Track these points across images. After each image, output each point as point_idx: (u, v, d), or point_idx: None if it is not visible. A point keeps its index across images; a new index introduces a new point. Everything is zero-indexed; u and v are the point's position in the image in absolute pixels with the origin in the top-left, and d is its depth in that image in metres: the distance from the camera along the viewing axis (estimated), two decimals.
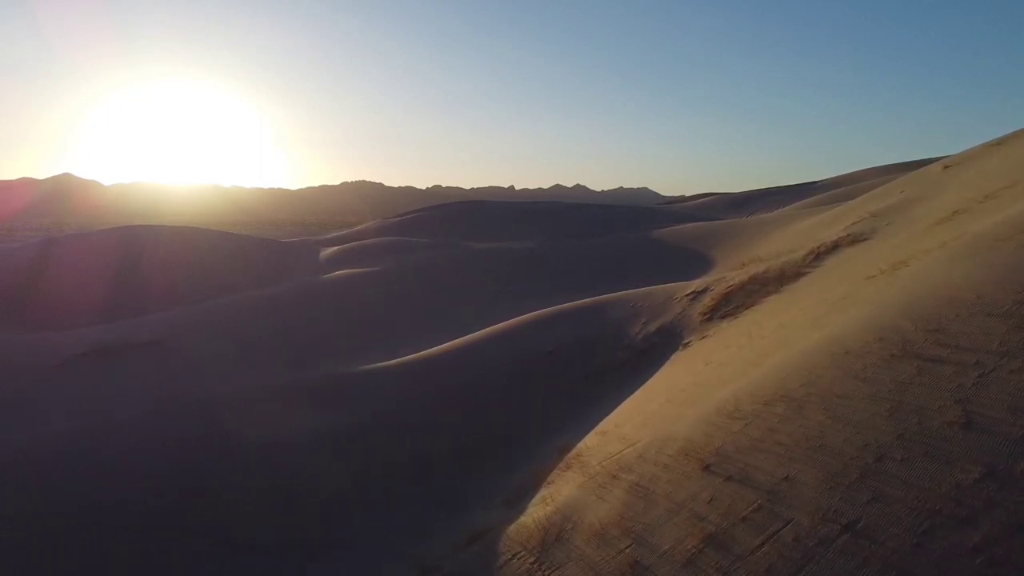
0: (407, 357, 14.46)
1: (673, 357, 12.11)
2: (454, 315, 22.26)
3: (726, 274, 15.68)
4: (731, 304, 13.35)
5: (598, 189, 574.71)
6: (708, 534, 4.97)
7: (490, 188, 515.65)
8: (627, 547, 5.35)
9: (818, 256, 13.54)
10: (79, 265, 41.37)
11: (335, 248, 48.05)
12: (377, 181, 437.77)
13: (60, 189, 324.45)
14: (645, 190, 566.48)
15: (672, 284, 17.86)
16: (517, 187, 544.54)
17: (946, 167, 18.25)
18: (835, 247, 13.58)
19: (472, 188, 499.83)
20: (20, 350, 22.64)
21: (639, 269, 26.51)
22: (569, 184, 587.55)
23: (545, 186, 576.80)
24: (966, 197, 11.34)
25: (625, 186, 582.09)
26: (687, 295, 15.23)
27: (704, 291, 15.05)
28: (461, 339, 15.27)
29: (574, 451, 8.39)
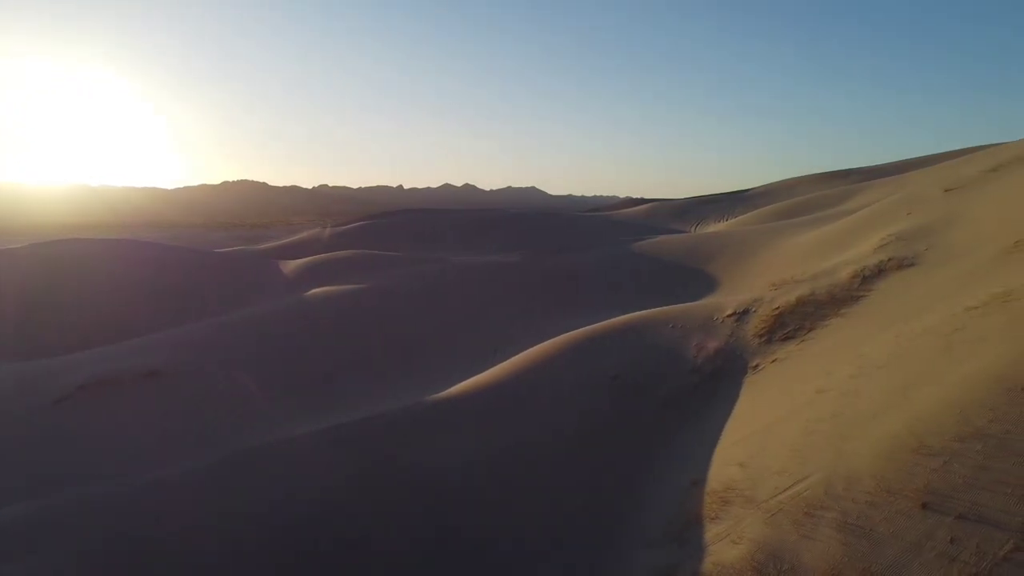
0: (466, 385, 14.41)
1: (748, 381, 12.47)
2: (477, 336, 22.20)
3: (763, 294, 16.16)
4: (787, 327, 13.83)
5: (487, 189, 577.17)
6: (972, 574, 5.25)
7: (378, 187, 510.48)
8: None
9: (864, 280, 14.16)
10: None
11: (301, 261, 46.99)
12: (260, 180, 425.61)
13: None
14: (533, 189, 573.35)
15: (702, 302, 18.33)
16: (406, 186, 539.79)
17: (947, 190, 19.34)
18: (880, 271, 14.23)
19: (359, 187, 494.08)
20: (11, 382, 21.50)
21: (642, 285, 26.98)
22: (458, 184, 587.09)
23: (434, 185, 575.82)
24: (1019, 229, 12.08)
25: (513, 186, 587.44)
26: (729, 315, 15.66)
27: (746, 312, 15.52)
28: (512, 363, 15.29)
29: (717, 484, 8.60)
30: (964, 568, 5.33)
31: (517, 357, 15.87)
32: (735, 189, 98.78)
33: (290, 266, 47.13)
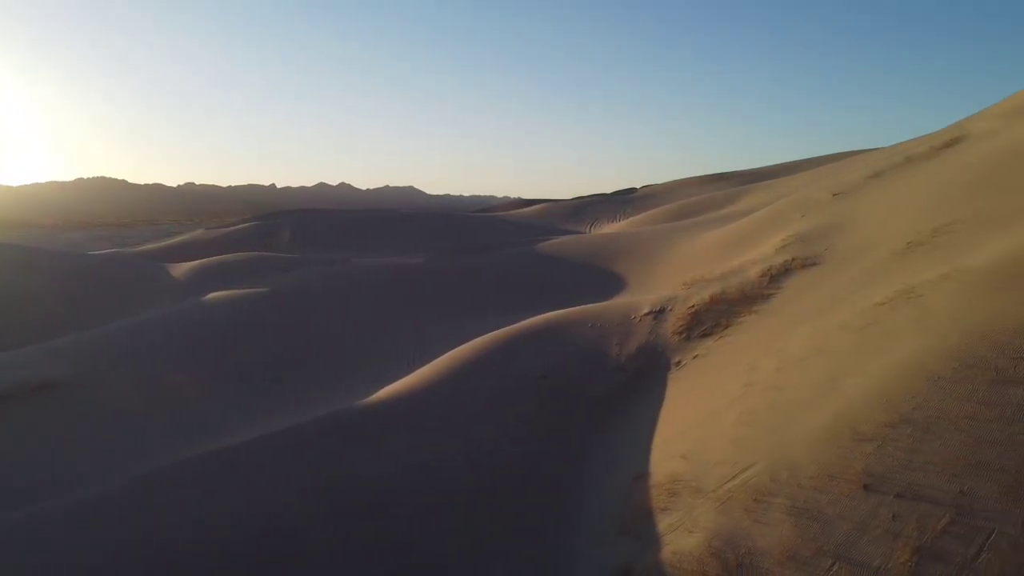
0: (394, 389, 14.24)
1: (673, 377, 13.03)
2: (391, 338, 21.90)
3: (676, 293, 16.90)
4: (704, 324, 14.54)
5: (364, 188, 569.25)
6: (916, 548, 5.78)
7: (250, 186, 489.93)
8: (832, 566, 6.05)
9: (773, 278, 15.09)
10: None
11: (194, 264, 44.68)
12: (119, 178, 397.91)
13: None
14: (411, 188, 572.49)
15: (616, 302, 18.93)
16: (279, 185, 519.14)
17: (835, 195, 20.89)
18: (786, 270, 15.21)
19: (229, 186, 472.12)
20: None
21: (551, 285, 27.46)
22: (334, 183, 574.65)
23: (309, 184, 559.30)
24: (912, 229, 13.26)
25: (391, 184, 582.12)
26: (646, 314, 16.28)
27: (662, 310, 16.18)
28: (438, 365, 15.22)
29: (661, 477, 8.98)
30: (908, 542, 5.86)
31: (442, 359, 15.83)
32: (616, 190, 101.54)
33: (181, 269, 44.70)
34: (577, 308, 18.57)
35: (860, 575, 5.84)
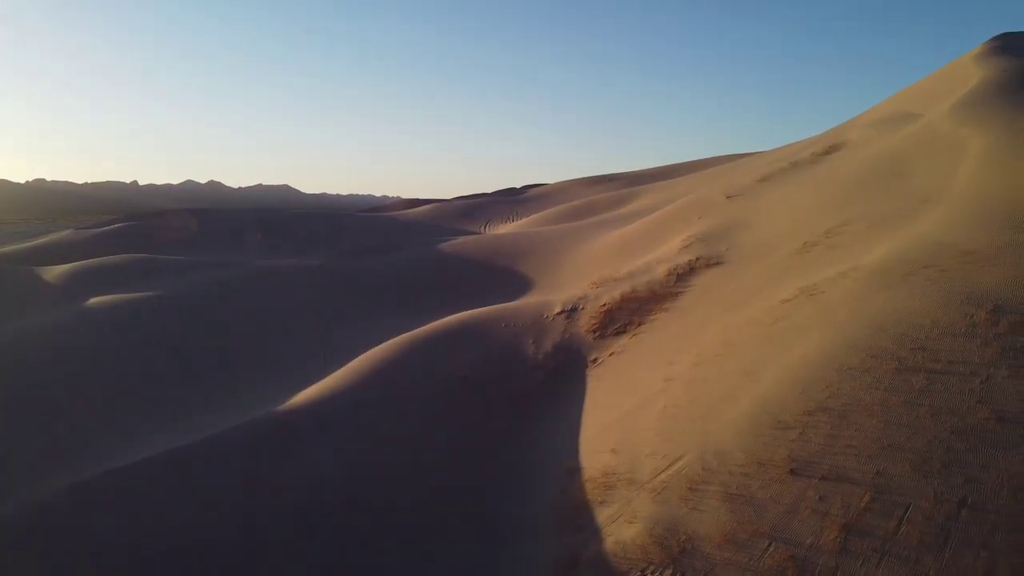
0: (312, 394, 13.86)
1: (591, 374, 13.42)
2: (297, 343, 21.24)
3: (587, 292, 17.39)
4: (618, 322, 15.05)
5: (235, 186, 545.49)
6: (843, 524, 6.29)
7: (109, 183, 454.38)
8: (769, 546, 6.48)
9: (680, 277, 15.81)
10: None
11: (68, 267, 41.49)
12: None
13: None
14: (286, 187, 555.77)
15: (527, 301, 19.23)
16: (141, 182, 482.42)
17: (729, 197, 22.10)
18: (691, 269, 15.98)
19: (86, 183, 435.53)
20: None
21: (457, 286, 27.46)
22: (203, 180, 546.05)
23: (175, 181, 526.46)
24: (805, 230, 14.27)
25: (265, 183, 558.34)
26: (558, 313, 16.66)
27: (574, 309, 16.61)
28: (354, 369, 14.92)
29: (594, 471, 9.27)
30: (835, 520, 6.37)
31: (357, 362, 15.56)
32: (497, 190, 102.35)
33: (53, 273, 41.34)
34: (489, 308, 18.71)
35: (795, 553, 6.30)
